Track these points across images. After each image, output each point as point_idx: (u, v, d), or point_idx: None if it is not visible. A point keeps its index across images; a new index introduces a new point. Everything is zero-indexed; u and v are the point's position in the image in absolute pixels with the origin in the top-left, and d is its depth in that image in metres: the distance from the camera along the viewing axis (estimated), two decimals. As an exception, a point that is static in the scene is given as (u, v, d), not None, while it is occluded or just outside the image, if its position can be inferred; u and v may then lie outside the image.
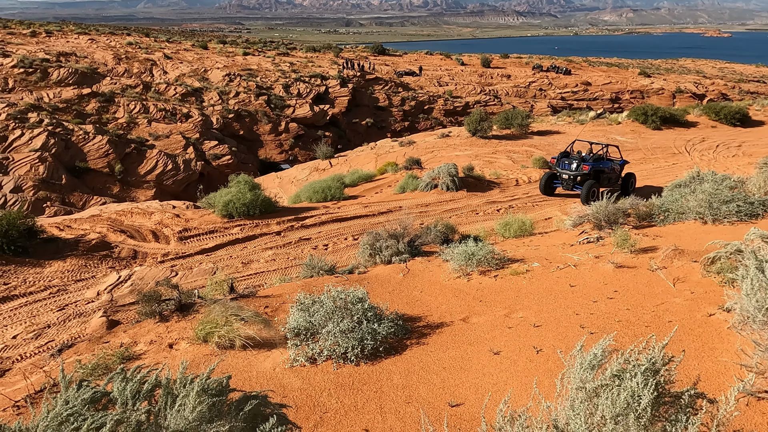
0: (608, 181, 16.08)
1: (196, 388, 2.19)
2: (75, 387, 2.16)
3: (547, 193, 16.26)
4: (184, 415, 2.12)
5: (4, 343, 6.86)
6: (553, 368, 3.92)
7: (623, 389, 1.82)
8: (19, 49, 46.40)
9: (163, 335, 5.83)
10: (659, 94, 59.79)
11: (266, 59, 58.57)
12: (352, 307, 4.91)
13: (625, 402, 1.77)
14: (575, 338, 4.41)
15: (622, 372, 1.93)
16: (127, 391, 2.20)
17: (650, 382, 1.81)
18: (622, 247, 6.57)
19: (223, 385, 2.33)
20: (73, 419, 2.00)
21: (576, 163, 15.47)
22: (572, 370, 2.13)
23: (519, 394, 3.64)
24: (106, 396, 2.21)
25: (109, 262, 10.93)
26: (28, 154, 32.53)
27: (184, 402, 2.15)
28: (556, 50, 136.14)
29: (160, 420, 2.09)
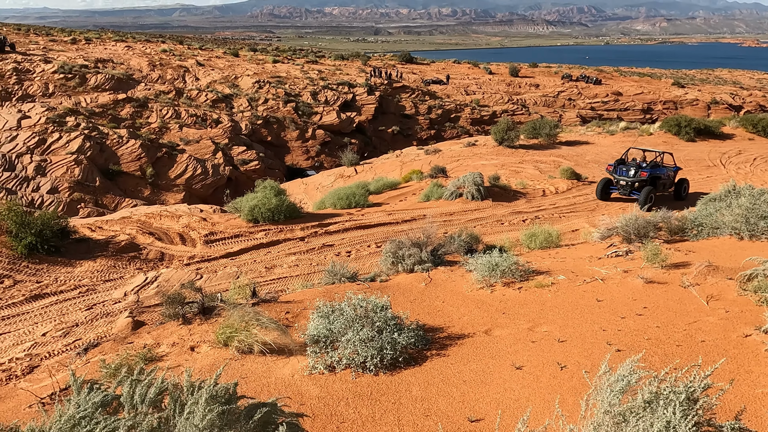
0: (663, 186, 16.89)
1: (205, 396, 2.18)
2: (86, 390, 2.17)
3: (603, 199, 16.97)
4: (194, 423, 2.11)
5: (34, 340, 7.04)
6: (577, 386, 3.79)
7: (657, 419, 1.71)
8: (60, 56, 48.19)
9: (185, 338, 5.89)
10: (693, 105, 58.29)
11: (295, 67, 59.41)
12: (373, 315, 4.87)
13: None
14: (601, 355, 4.26)
15: (655, 398, 1.82)
16: (136, 395, 2.20)
17: (688, 414, 1.70)
18: (652, 261, 6.35)
19: (231, 392, 2.31)
20: (85, 423, 2.01)
21: (634, 169, 16.28)
22: (599, 392, 2.03)
23: (541, 411, 3.52)
24: (116, 399, 2.22)
25: (137, 263, 11.15)
26: (65, 157, 33.64)
27: (193, 409, 2.13)
28: (587, 60, 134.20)
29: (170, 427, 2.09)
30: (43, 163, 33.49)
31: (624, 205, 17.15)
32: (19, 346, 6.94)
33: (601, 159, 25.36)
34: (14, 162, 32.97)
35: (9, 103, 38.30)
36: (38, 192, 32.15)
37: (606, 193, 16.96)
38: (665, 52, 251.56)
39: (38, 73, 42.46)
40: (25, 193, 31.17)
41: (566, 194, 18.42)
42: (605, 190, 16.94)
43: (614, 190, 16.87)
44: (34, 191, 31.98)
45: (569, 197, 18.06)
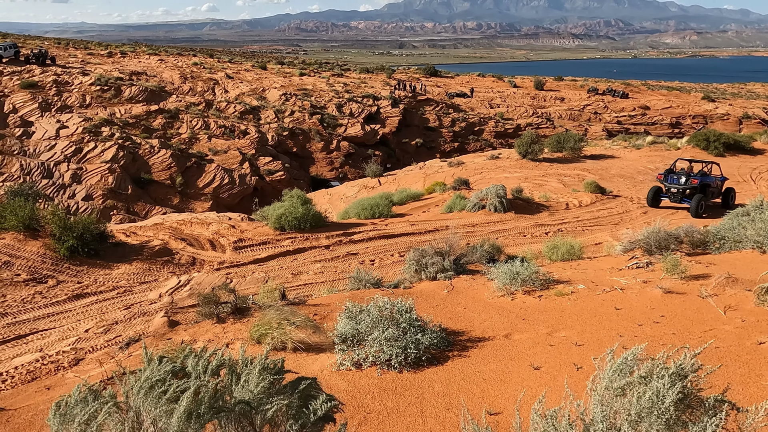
0: (712, 195, 17.53)
1: (258, 367, 2.49)
2: (156, 361, 2.51)
3: (653, 206, 17.64)
4: (249, 389, 2.41)
5: (78, 336, 7.50)
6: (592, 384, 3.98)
7: (649, 389, 1.93)
8: (97, 68, 50.16)
9: (219, 335, 6.24)
10: (724, 119, 57.20)
11: (321, 80, 60.50)
12: (398, 316, 5.13)
13: (649, 401, 1.88)
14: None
15: (650, 374, 2.04)
16: (199, 366, 2.52)
17: (677, 384, 1.92)
18: (671, 272, 6.47)
19: (279, 366, 2.62)
20: (159, 384, 2.33)
21: (685, 177, 17.02)
22: (603, 372, 2.26)
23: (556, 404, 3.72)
24: (182, 371, 2.54)
25: (170, 267, 11.64)
26: (100, 165, 34.95)
27: (248, 378, 2.45)
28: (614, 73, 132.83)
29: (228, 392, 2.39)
30: (78, 171, 34.86)
31: (649, 219, 17.06)
32: (65, 340, 7.41)
33: (627, 173, 25.21)
34: (52, 170, 34.40)
35: (48, 113, 40.01)
36: (74, 199, 33.44)
37: (656, 201, 17.58)
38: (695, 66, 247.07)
39: (76, 85, 44.30)
40: (61, 200, 32.47)
41: (590, 208, 18.41)
42: (656, 198, 17.55)
43: (664, 198, 17.49)
44: (70, 198, 33.29)
45: (593, 211, 18.05)
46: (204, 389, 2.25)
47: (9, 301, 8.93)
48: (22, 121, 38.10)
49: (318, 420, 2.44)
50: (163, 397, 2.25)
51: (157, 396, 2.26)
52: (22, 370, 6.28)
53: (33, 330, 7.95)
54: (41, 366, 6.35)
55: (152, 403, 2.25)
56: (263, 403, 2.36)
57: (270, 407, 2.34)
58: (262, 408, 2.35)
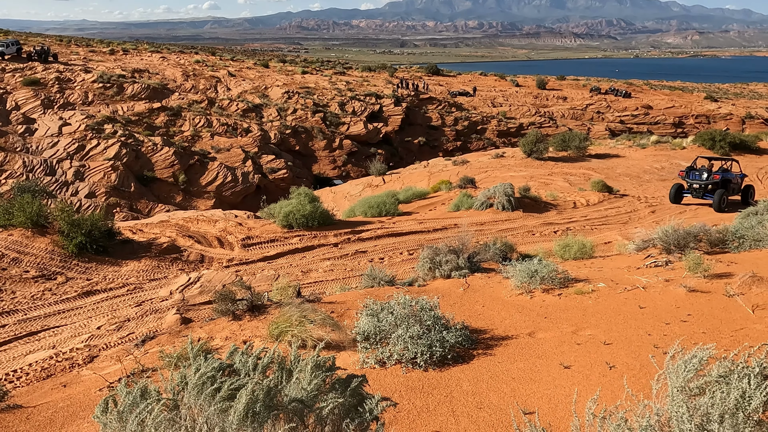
0: (732, 191, 17.97)
1: (311, 364, 2.41)
2: (202, 358, 2.43)
3: (675, 202, 18.02)
4: (302, 386, 2.33)
5: (90, 333, 7.42)
6: (630, 385, 3.88)
7: (733, 389, 1.85)
8: (99, 66, 50.02)
9: (236, 332, 6.16)
10: (727, 119, 57.07)
11: (323, 78, 60.38)
12: (422, 314, 5.05)
13: (734, 401, 1.80)
14: (648, 357, 4.35)
15: (729, 372, 1.96)
16: (249, 363, 2.45)
17: (762, 384, 1.85)
18: (694, 271, 6.38)
19: (331, 363, 2.54)
20: (211, 381, 2.25)
21: (707, 173, 17.38)
22: (671, 371, 2.17)
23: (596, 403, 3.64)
24: (230, 367, 2.47)
25: (179, 264, 11.56)
26: (102, 163, 34.84)
27: (300, 376, 2.37)
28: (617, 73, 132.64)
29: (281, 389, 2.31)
30: (81, 169, 34.74)
31: (657, 218, 16.99)
32: (77, 337, 7.33)
33: (633, 172, 25.12)
34: (55, 167, 34.30)
35: (51, 110, 39.90)
36: (77, 196, 33.33)
37: (678, 198, 17.93)
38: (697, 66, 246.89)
39: (78, 83, 44.18)
40: (64, 197, 32.35)
41: (597, 207, 18.32)
42: (678, 195, 17.89)
43: (686, 194, 17.83)
44: (73, 195, 33.18)
45: (601, 210, 17.97)
46: (258, 387, 2.17)
47: (19, 298, 8.85)
48: (25, 118, 38.01)
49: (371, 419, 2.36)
50: (216, 394, 2.17)
51: (210, 394, 2.17)
52: (36, 367, 6.20)
53: (44, 327, 7.87)
54: (56, 363, 6.27)
55: (206, 401, 2.17)
56: (317, 401, 2.28)
57: (326, 405, 2.27)
58: (317, 406, 2.27)
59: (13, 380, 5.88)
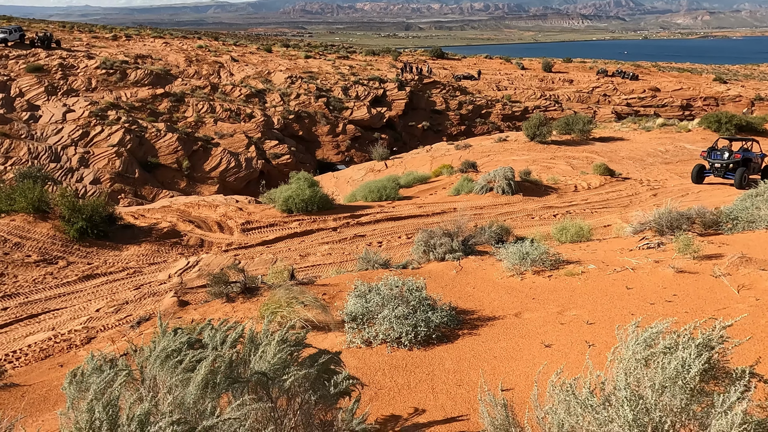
0: (753, 170, 18.34)
1: (277, 338, 2.49)
2: (171, 333, 2.51)
3: (697, 182, 18.44)
4: (267, 359, 2.41)
5: (89, 315, 7.56)
6: (604, 361, 3.95)
7: (674, 358, 1.91)
8: (102, 52, 49.94)
9: (229, 314, 6.27)
10: (736, 101, 56.28)
11: (327, 62, 59.97)
12: (409, 295, 5.12)
13: (674, 370, 1.85)
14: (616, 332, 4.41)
15: (675, 344, 2.02)
16: (217, 338, 2.53)
17: (703, 355, 1.90)
18: (684, 252, 6.40)
19: (299, 339, 2.61)
20: (176, 354, 2.34)
21: (728, 152, 17.80)
22: (626, 344, 2.23)
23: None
24: (199, 342, 2.55)
25: (179, 248, 11.70)
26: (107, 149, 35.00)
27: (266, 349, 2.45)
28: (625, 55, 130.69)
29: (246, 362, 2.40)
30: (86, 155, 34.92)
31: (659, 201, 16.91)
32: (76, 320, 7.48)
33: (636, 156, 24.94)
34: (59, 153, 34.49)
35: (55, 97, 39.99)
36: (82, 182, 33.55)
37: (700, 178, 18.39)
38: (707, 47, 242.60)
39: (82, 69, 44.18)
40: (69, 184, 32.58)
41: (599, 190, 18.26)
42: (699, 175, 18.36)
43: (708, 174, 18.29)
44: (78, 182, 33.41)
45: (602, 193, 17.91)
46: (220, 359, 2.25)
47: (21, 282, 9.02)
48: (29, 104, 38.14)
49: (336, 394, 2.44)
50: (179, 366, 2.25)
51: (173, 365, 2.26)
52: (35, 348, 6.35)
53: (45, 310, 8.03)
54: (54, 344, 6.42)
55: (168, 372, 2.25)
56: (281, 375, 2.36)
57: (287, 378, 2.34)
58: (279, 378, 2.34)
59: (13, 360, 6.03)
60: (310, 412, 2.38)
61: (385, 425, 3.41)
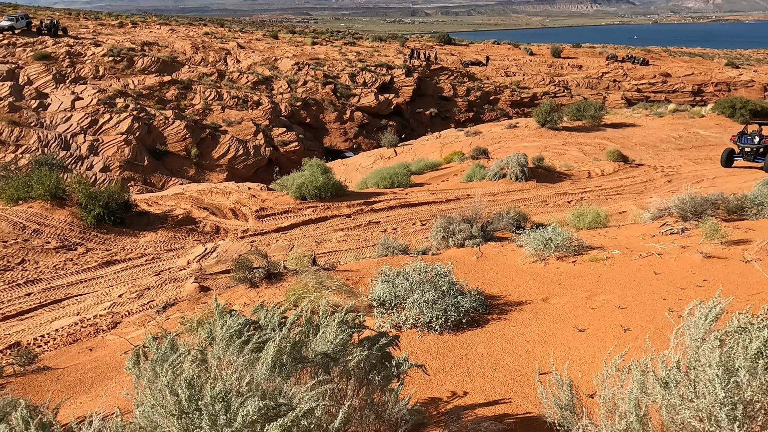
0: None
1: (337, 320, 2.49)
2: (228, 315, 2.51)
3: (727, 166, 18.82)
4: (328, 340, 2.41)
5: (112, 301, 7.62)
6: (643, 345, 3.93)
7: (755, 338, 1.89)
8: (109, 39, 49.79)
9: (254, 299, 6.29)
10: (748, 86, 55.47)
11: (333, 48, 59.55)
12: (438, 280, 5.11)
13: (756, 349, 1.84)
14: (664, 321, 4.38)
15: (749, 323, 1.99)
16: (274, 320, 2.53)
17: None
18: (711, 237, 6.34)
19: (359, 321, 2.61)
20: (237, 335, 2.34)
21: (758, 137, 18.06)
22: (690, 324, 2.20)
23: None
24: (254, 324, 2.55)
25: (195, 235, 11.74)
26: (116, 137, 35.05)
27: (326, 330, 2.45)
28: (635, 39, 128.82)
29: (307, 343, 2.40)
30: (95, 143, 34.99)
31: (673, 187, 16.78)
32: (100, 305, 7.53)
33: (649, 142, 24.69)
34: (69, 141, 34.58)
35: (63, 85, 39.98)
36: (92, 170, 33.67)
37: (729, 162, 18.77)
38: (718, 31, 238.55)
39: (89, 56, 44.08)
40: (79, 172, 32.69)
41: (612, 176, 18.12)
42: (729, 159, 18.74)
43: (737, 158, 18.63)
44: (88, 169, 33.52)
45: (615, 179, 17.77)
46: (285, 340, 2.24)
47: (42, 268, 9.08)
48: (37, 92, 38.17)
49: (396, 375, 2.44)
50: (244, 347, 2.25)
51: (239, 346, 2.26)
52: (62, 332, 6.41)
53: (68, 295, 8.09)
54: (80, 328, 6.48)
55: (234, 353, 2.25)
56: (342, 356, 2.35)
57: (352, 358, 2.34)
58: (343, 359, 2.35)
59: (41, 345, 6.09)
60: (371, 392, 2.39)
61: (427, 407, 3.41)
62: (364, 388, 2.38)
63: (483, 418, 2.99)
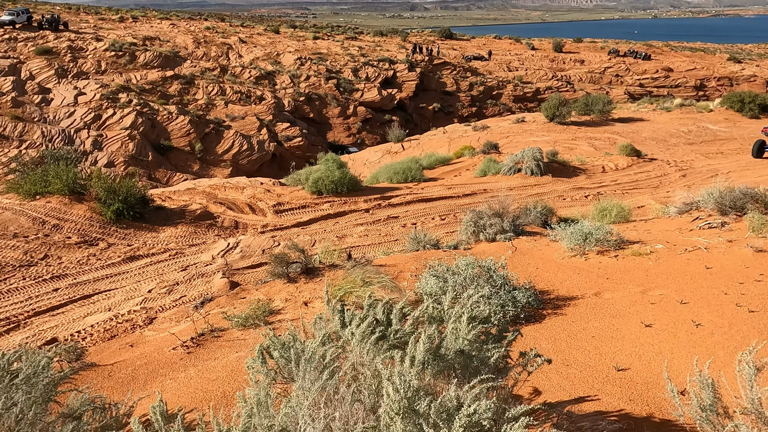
0: None
1: (466, 315, 2.39)
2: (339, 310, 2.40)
3: (758, 157, 19.52)
4: (462, 336, 2.31)
5: (143, 296, 7.50)
6: (721, 341, 3.85)
7: None
8: (110, 34, 49.41)
9: (294, 294, 6.18)
10: (751, 81, 55.39)
11: (335, 43, 59.25)
12: (492, 274, 5.01)
13: None
14: (735, 315, 4.29)
15: None
16: (396, 315, 2.43)
17: None
18: (758, 231, 6.25)
19: (487, 315, 2.52)
20: (369, 331, 2.24)
21: None
22: None
23: (689, 362, 3.61)
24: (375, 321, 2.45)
25: (215, 230, 11.61)
26: (119, 132, 34.80)
27: (456, 326, 2.35)
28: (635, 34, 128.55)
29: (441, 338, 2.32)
30: (99, 138, 34.74)
31: (689, 182, 16.71)
32: (131, 300, 7.42)
33: (659, 136, 24.60)
34: (73, 137, 34.33)
35: (65, 80, 39.66)
36: (96, 166, 33.42)
37: (761, 152, 19.48)
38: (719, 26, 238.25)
39: (91, 51, 43.73)
40: (84, 167, 32.45)
41: (627, 171, 18.03)
42: (760, 150, 19.48)
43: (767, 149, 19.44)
44: (92, 165, 33.27)
45: (630, 174, 17.69)
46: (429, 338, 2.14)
47: (65, 263, 8.96)
48: (40, 87, 37.86)
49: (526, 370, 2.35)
50: (383, 343, 2.14)
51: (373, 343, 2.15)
52: (98, 328, 6.30)
53: (96, 290, 7.97)
54: (117, 324, 6.36)
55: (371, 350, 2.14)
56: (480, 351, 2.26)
57: (491, 355, 2.25)
58: (480, 356, 2.25)
59: (79, 341, 5.98)
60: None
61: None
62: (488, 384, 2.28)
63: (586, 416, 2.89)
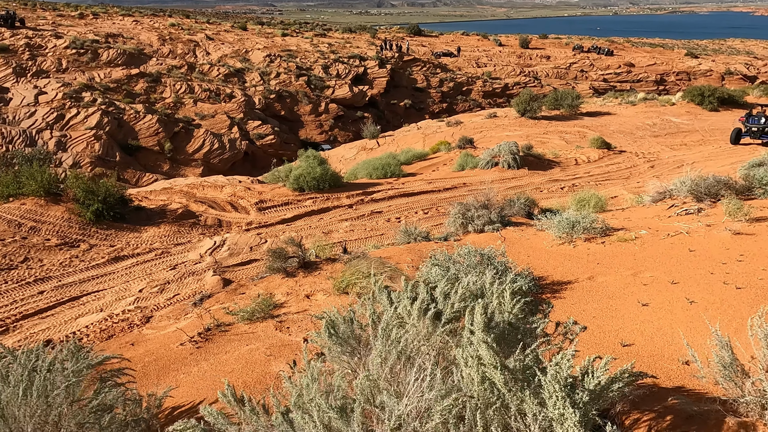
0: None
1: (509, 290, 2.52)
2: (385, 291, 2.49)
3: (735, 143, 20.70)
4: (507, 310, 2.43)
5: (134, 296, 7.39)
6: (716, 316, 4.11)
7: None
8: (70, 31, 47.75)
9: (295, 288, 6.22)
10: (707, 75, 57.71)
11: (304, 40, 58.79)
12: (492, 261, 5.18)
13: None
14: (724, 292, 4.57)
15: None
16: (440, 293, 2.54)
17: None
18: (734, 215, 6.63)
19: (525, 289, 2.65)
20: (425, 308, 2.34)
21: (764, 118, 20.11)
22: None
23: (693, 335, 3.85)
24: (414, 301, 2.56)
25: (199, 229, 11.48)
26: (84, 132, 33.72)
27: (500, 301, 2.47)
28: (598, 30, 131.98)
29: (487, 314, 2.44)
30: (63, 139, 33.59)
31: (657, 173, 17.37)
32: (123, 300, 7.30)
33: (626, 129, 25.44)
34: (35, 138, 33.08)
35: (24, 78, 38.16)
36: (61, 167, 32.26)
37: (738, 140, 20.64)
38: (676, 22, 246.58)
39: (50, 49, 42.17)
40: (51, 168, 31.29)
41: (599, 163, 18.62)
42: (737, 137, 20.61)
43: (745, 136, 20.53)
44: (56, 166, 32.12)
45: (602, 166, 18.27)
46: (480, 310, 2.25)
47: (47, 265, 8.73)
48: (-2, 86, 36.32)
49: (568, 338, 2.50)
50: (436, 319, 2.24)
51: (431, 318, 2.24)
52: (94, 328, 6.20)
53: (83, 292, 7.81)
54: (113, 324, 6.27)
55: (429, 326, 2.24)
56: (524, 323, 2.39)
57: (537, 326, 2.38)
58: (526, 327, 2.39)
59: (76, 341, 5.87)
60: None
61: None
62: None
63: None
